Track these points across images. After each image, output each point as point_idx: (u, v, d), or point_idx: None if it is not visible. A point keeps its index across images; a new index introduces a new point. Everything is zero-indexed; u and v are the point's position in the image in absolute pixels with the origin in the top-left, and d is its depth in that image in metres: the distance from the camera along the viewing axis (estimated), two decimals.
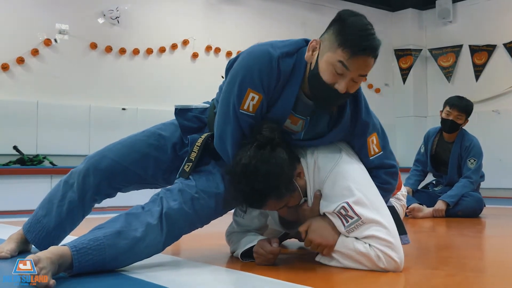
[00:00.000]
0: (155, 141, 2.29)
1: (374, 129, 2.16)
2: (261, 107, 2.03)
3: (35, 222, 2.34)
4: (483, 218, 4.44)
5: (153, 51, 7.01)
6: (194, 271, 2.05)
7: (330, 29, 1.98)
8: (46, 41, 6.24)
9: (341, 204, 1.97)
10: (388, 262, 1.92)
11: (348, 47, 1.88)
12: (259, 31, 7.88)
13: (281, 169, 1.95)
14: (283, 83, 2.02)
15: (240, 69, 2.04)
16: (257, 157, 1.94)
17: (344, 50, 1.89)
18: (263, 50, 2.02)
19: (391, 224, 1.98)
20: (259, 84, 1.99)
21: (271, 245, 2.11)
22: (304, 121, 2.10)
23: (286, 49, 2.03)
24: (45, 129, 6.09)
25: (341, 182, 2.00)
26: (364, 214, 1.95)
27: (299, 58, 2.03)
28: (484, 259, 2.46)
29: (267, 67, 1.98)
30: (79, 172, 2.30)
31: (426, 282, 1.89)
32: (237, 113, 2.03)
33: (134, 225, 1.98)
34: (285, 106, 2.05)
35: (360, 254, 1.95)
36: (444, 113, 4.62)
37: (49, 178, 5.62)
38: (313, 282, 1.80)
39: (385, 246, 1.92)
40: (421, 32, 9.21)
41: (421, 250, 2.70)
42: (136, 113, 6.69)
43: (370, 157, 2.15)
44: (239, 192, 1.99)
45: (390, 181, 2.22)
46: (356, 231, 1.97)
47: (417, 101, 9.08)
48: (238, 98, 2.01)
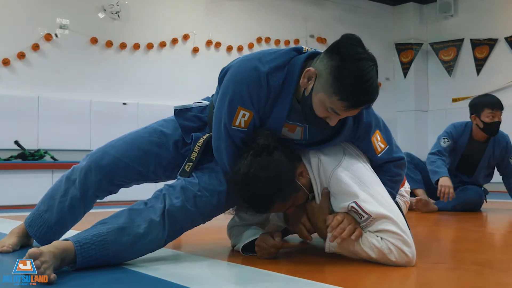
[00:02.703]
0: (156, 138, 2.29)
1: (376, 126, 2.15)
2: (253, 122, 2.02)
3: (37, 217, 2.34)
4: (485, 212, 4.44)
5: (154, 45, 7.00)
6: (195, 265, 2.06)
7: (327, 62, 1.89)
8: (47, 36, 6.24)
9: (350, 204, 1.98)
10: (400, 255, 1.93)
11: (345, 100, 1.84)
12: (260, 25, 7.88)
13: (281, 172, 1.94)
14: (274, 97, 1.99)
15: (229, 86, 2.00)
16: (254, 164, 1.93)
17: (339, 101, 1.85)
18: (251, 66, 1.96)
19: (401, 219, 1.98)
20: (249, 102, 1.97)
21: (274, 239, 2.12)
22: (303, 128, 2.08)
23: (275, 63, 1.97)
24: (46, 124, 6.10)
25: (346, 182, 2.00)
26: (374, 211, 1.95)
27: (290, 70, 1.98)
28: (486, 253, 2.46)
29: (256, 85, 1.95)
30: (81, 168, 2.30)
31: (426, 276, 1.90)
32: (228, 130, 2.02)
33: (137, 221, 1.99)
34: (278, 119, 2.03)
35: (371, 245, 1.95)
36: (486, 117, 4.30)
37: (50, 172, 5.63)
38: (314, 276, 1.80)
39: (397, 240, 1.93)
40: (422, 26, 9.20)
41: (422, 244, 2.70)
42: (137, 107, 6.69)
43: (377, 154, 2.15)
44: (243, 200, 2.00)
45: (400, 173, 2.24)
46: (369, 226, 1.98)
47: (418, 96, 9.08)
48: (228, 116, 2.00)
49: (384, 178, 2.16)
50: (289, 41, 8.00)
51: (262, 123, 2.05)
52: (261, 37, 7.86)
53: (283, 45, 7.94)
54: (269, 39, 7.89)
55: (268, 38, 7.89)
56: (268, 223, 2.44)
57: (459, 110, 8.61)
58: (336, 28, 8.56)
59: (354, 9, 8.78)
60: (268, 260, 2.11)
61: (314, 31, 8.37)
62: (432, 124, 9.02)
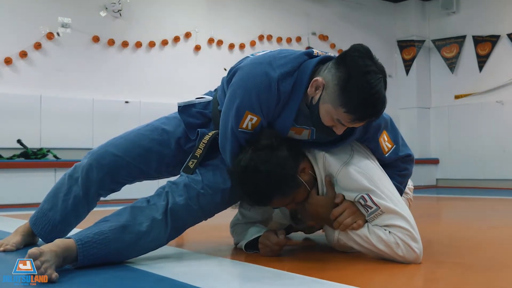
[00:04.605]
0: (158, 136, 2.29)
1: (383, 127, 2.15)
2: (261, 125, 2.01)
3: (41, 216, 2.35)
4: (486, 208, 4.44)
5: (156, 44, 7.00)
6: (198, 263, 2.06)
7: (334, 73, 1.89)
8: (49, 35, 6.24)
9: (360, 194, 1.98)
10: (408, 251, 1.92)
11: (351, 113, 1.85)
12: (262, 23, 7.87)
13: (282, 167, 1.94)
14: (283, 102, 1.98)
15: (238, 90, 1.99)
16: (256, 158, 1.93)
17: (345, 113, 1.85)
18: (262, 72, 1.94)
19: (410, 215, 1.98)
20: (258, 107, 1.96)
21: (278, 236, 2.12)
22: (310, 130, 2.07)
23: (285, 69, 1.95)
24: (48, 122, 6.10)
25: (355, 177, 2.00)
26: (383, 204, 1.95)
27: (300, 75, 1.97)
28: (491, 250, 2.46)
29: (266, 91, 1.94)
30: (82, 167, 2.30)
31: (434, 273, 1.89)
32: (235, 132, 2.01)
33: (139, 219, 1.99)
34: (286, 122, 2.03)
35: (379, 238, 1.95)
36: None
37: (53, 171, 5.64)
38: (317, 273, 1.80)
39: (405, 235, 1.92)
40: (424, 23, 9.18)
41: (425, 241, 2.70)
42: (139, 106, 6.69)
43: (385, 154, 2.15)
44: (242, 192, 2.00)
45: (408, 167, 2.25)
46: (376, 219, 1.98)
47: (420, 93, 9.06)
48: (236, 119, 1.99)
49: (392, 172, 2.17)
50: (291, 38, 7.99)
51: (270, 126, 2.05)
52: (263, 35, 7.84)
53: (285, 42, 7.94)
54: (271, 36, 7.88)
55: (270, 35, 7.87)
56: (271, 221, 2.44)
57: (462, 107, 8.61)
58: (338, 25, 8.55)
59: (356, 6, 8.77)
60: (272, 257, 2.12)
61: (316, 29, 8.35)
62: (434, 121, 9.01)
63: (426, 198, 6.28)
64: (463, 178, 8.44)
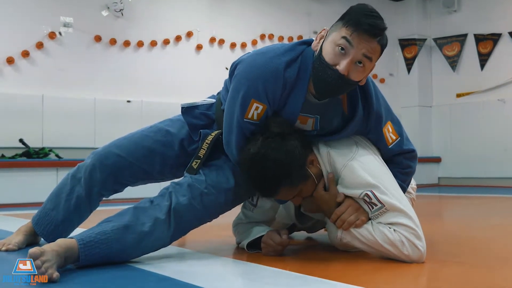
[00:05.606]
0: (162, 137, 2.29)
1: (388, 117, 2.15)
2: (266, 115, 2.01)
3: (44, 215, 2.35)
4: (488, 207, 4.43)
5: (157, 43, 7.00)
6: (200, 263, 2.06)
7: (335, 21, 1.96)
8: (51, 34, 6.24)
9: (365, 191, 1.97)
10: (413, 249, 1.92)
11: (352, 24, 1.86)
12: (264, 22, 7.87)
13: (292, 156, 1.93)
14: (289, 90, 1.99)
15: (243, 79, 2.00)
16: (266, 146, 1.92)
17: (347, 27, 1.87)
18: (267, 58, 1.97)
19: (414, 213, 1.98)
20: (264, 95, 1.97)
21: (281, 236, 2.12)
22: (314, 119, 2.07)
23: (289, 56, 1.97)
24: (50, 122, 6.11)
25: (360, 173, 1.99)
26: (388, 202, 1.95)
27: (303, 61, 1.99)
28: (494, 248, 2.46)
29: (273, 79, 1.95)
30: (85, 167, 2.30)
31: (438, 272, 1.89)
32: (240, 123, 2.01)
33: (142, 219, 1.99)
34: (293, 111, 2.03)
35: (384, 237, 1.94)
36: None
37: (55, 170, 5.64)
38: (320, 273, 1.80)
39: (410, 234, 1.92)
40: (425, 21, 9.16)
41: (428, 240, 2.70)
42: (141, 105, 6.69)
43: (389, 145, 2.15)
44: (250, 180, 1.98)
45: (411, 165, 2.24)
46: (381, 217, 1.97)
47: (422, 91, 9.05)
48: (241, 109, 1.99)
49: (395, 170, 2.16)
50: (292, 37, 7.98)
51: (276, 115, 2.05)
52: (264, 34, 7.84)
53: (287, 41, 7.92)
54: (273, 35, 7.88)
55: (271, 34, 7.87)
56: (274, 221, 2.44)
57: (463, 105, 8.60)
58: None
59: None
60: (274, 257, 2.12)
61: (317, 27, 8.35)
62: (436, 120, 9.00)
63: (428, 196, 6.28)
64: (465, 177, 8.43)
